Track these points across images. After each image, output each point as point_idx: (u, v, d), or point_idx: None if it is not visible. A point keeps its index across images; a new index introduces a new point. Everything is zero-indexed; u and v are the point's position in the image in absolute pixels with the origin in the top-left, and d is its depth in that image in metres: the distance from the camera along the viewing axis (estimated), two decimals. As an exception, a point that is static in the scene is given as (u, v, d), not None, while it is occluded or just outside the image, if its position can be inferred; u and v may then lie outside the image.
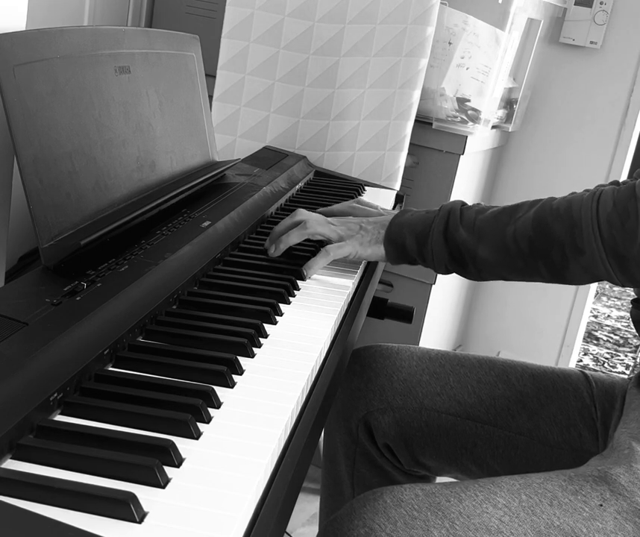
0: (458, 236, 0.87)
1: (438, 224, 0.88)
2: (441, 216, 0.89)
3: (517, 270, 0.85)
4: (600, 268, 0.79)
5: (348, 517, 0.70)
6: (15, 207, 0.78)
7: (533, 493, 0.71)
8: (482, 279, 0.89)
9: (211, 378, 0.61)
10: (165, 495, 0.47)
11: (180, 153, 1.01)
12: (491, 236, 0.85)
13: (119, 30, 0.89)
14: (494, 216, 0.86)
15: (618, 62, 1.94)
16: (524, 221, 0.83)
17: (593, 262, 0.79)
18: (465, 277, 0.90)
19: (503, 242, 0.84)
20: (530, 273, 0.85)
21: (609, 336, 3.26)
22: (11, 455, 0.49)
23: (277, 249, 0.92)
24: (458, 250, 0.87)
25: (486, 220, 0.86)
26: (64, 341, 0.58)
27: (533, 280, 0.86)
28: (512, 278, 0.87)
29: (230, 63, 1.47)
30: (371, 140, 1.47)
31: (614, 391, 0.96)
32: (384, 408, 1.02)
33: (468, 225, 0.87)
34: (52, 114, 0.73)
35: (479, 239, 0.86)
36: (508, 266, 0.85)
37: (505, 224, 0.84)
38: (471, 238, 0.86)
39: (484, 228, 0.86)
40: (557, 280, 0.84)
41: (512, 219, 0.84)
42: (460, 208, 0.89)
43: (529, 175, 2.08)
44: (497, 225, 0.85)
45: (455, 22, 1.58)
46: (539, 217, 0.82)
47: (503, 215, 0.85)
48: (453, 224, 0.87)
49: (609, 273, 0.79)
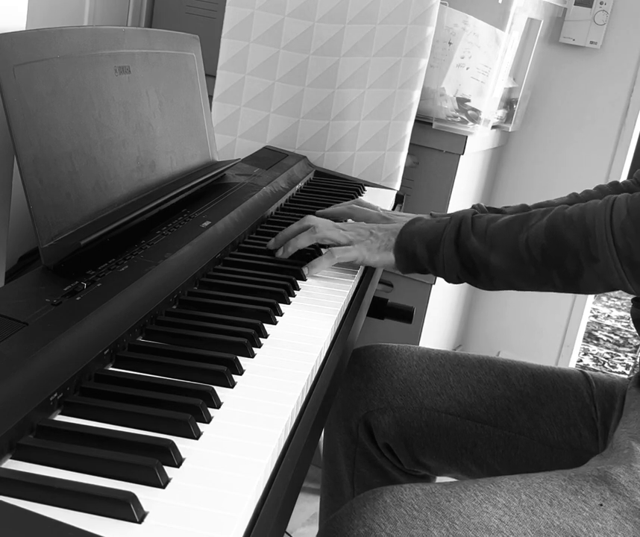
0: (469, 245, 0.86)
1: (449, 233, 0.87)
2: (452, 225, 0.88)
3: (529, 278, 0.84)
4: (614, 276, 0.78)
5: (348, 517, 0.70)
6: (15, 207, 0.78)
7: (533, 493, 0.71)
8: (494, 287, 0.88)
9: (211, 378, 0.61)
10: (165, 495, 0.47)
11: (180, 153, 1.01)
12: (503, 244, 0.84)
13: (119, 30, 0.89)
14: (505, 224, 0.85)
15: (618, 62, 1.94)
16: (537, 230, 0.82)
17: (607, 270, 0.78)
18: (477, 287, 0.89)
19: (515, 249, 0.83)
20: (543, 281, 0.83)
21: (609, 336, 3.26)
22: (11, 455, 0.49)
23: (286, 252, 0.92)
24: (470, 259, 0.86)
25: (498, 228, 0.85)
26: (64, 341, 0.58)
27: (545, 290, 0.85)
28: (523, 287, 0.86)
29: (230, 63, 1.47)
30: (371, 140, 1.47)
31: (614, 391, 0.96)
32: (384, 408, 1.02)
33: (479, 233, 0.86)
34: (52, 114, 0.73)
35: (491, 247, 0.85)
36: (520, 274, 0.84)
37: (517, 232, 0.83)
38: (482, 246, 0.85)
39: (496, 236, 0.85)
40: (570, 288, 0.82)
41: (524, 227, 0.83)
42: (472, 217, 0.88)
43: (529, 175, 2.08)
44: (509, 233, 0.84)
45: (455, 22, 1.58)
46: (552, 225, 0.81)
47: (515, 223, 0.85)
48: (465, 233, 0.86)
49: (623, 281, 0.78)
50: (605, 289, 0.81)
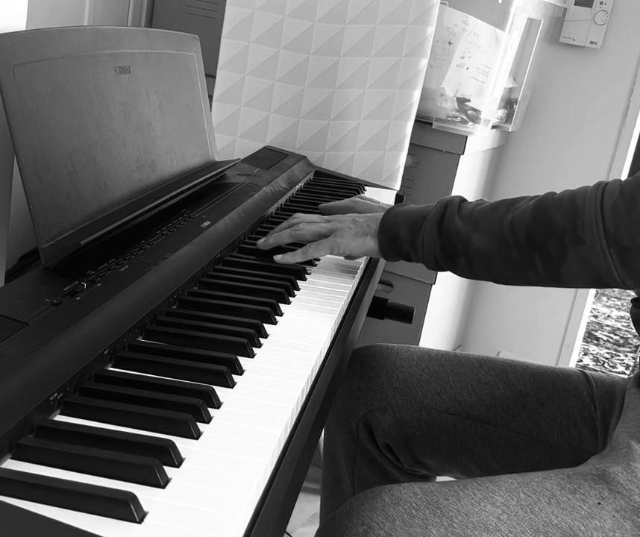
0: (452, 226, 0.84)
1: (434, 215, 0.87)
2: (438, 207, 0.87)
3: (510, 262, 0.81)
4: (599, 259, 0.75)
5: (347, 516, 0.70)
6: (15, 207, 0.78)
7: (532, 491, 0.71)
8: (472, 273, 0.85)
9: (211, 378, 0.61)
10: (165, 495, 0.47)
11: (180, 153, 1.01)
12: (487, 224, 0.83)
13: (119, 30, 0.89)
14: (492, 207, 0.84)
15: (618, 62, 1.94)
16: (524, 210, 0.81)
17: (593, 253, 0.75)
18: (455, 273, 0.87)
19: (499, 230, 0.81)
20: (524, 266, 0.81)
21: (609, 336, 3.26)
22: (11, 455, 0.49)
23: (266, 243, 0.93)
24: (450, 241, 0.85)
25: (484, 210, 0.84)
26: (64, 341, 0.58)
27: (525, 279, 0.82)
28: (503, 274, 0.83)
29: (230, 63, 1.47)
30: (371, 140, 1.47)
31: (614, 391, 0.96)
32: (384, 407, 1.02)
33: (464, 215, 0.85)
34: (52, 114, 0.73)
35: (475, 228, 0.83)
36: (501, 258, 0.82)
37: (503, 213, 0.82)
38: (466, 227, 0.84)
39: (481, 218, 0.84)
40: (551, 276, 0.80)
41: (510, 209, 0.82)
42: (459, 202, 0.87)
43: (529, 175, 2.08)
44: (495, 214, 0.83)
45: (455, 22, 1.58)
46: (540, 206, 0.80)
47: (502, 205, 0.84)
48: (450, 214, 0.85)
49: (608, 265, 0.75)
50: (589, 279, 0.78)
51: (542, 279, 0.81)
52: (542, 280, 0.81)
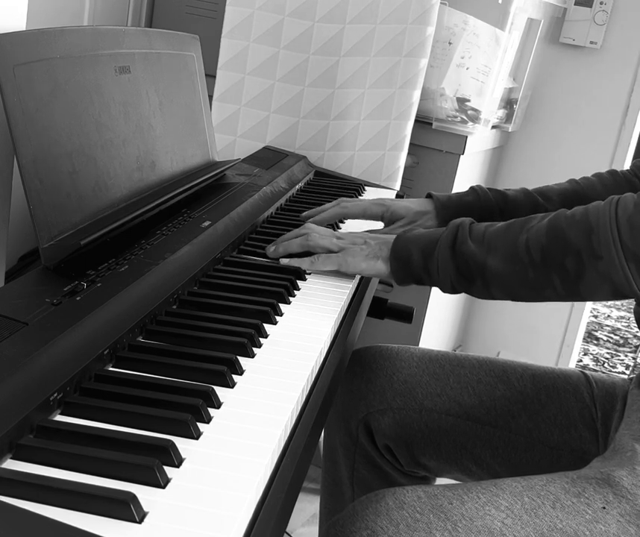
0: (466, 249, 0.84)
1: (445, 238, 0.85)
2: (449, 230, 0.86)
3: (528, 282, 0.81)
4: (618, 274, 0.75)
5: (350, 520, 0.70)
6: (15, 207, 0.78)
7: (536, 495, 0.71)
8: (490, 295, 0.85)
9: (211, 378, 0.61)
10: (165, 495, 0.47)
11: (180, 153, 1.01)
12: (501, 245, 0.82)
13: (119, 30, 0.89)
14: (505, 228, 0.83)
15: (618, 62, 1.94)
16: (538, 230, 0.80)
17: (611, 268, 0.75)
18: (472, 295, 0.86)
19: (514, 252, 0.81)
20: (542, 285, 0.80)
21: (609, 336, 3.26)
22: (11, 455, 0.49)
23: (276, 251, 0.92)
24: (465, 263, 0.84)
25: (497, 231, 0.83)
26: (64, 341, 0.58)
27: (545, 297, 0.82)
28: (522, 294, 0.83)
29: (230, 63, 1.47)
30: (371, 140, 1.47)
31: (614, 392, 0.96)
32: (384, 409, 1.02)
33: (477, 237, 0.84)
34: (52, 114, 0.73)
35: (488, 249, 0.82)
36: (519, 278, 0.81)
37: (517, 233, 0.81)
38: (480, 250, 0.83)
39: (494, 239, 0.83)
40: (571, 293, 0.79)
41: (524, 229, 0.81)
42: (469, 224, 0.86)
43: (529, 175, 2.08)
44: (508, 235, 0.82)
45: (455, 22, 1.58)
46: (553, 225, 0.79)
47: (515, 225, 0.83)
48: (462, 237, 0.84)
49: (627, 279, 0.75)
50: (607, 293, 0.78)
51: (561, 296, 0.81)
52: (561, 297, 0.81)
